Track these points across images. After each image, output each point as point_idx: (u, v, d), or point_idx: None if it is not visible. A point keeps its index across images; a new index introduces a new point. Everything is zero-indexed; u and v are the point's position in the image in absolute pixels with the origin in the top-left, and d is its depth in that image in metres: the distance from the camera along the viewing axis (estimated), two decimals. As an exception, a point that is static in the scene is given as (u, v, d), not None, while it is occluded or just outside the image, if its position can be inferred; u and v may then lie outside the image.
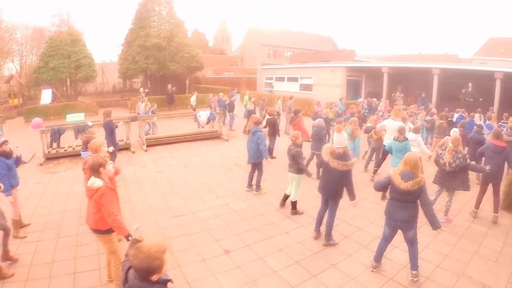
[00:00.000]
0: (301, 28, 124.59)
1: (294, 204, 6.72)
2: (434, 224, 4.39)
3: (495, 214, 6.58)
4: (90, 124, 11.09)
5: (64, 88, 26.69)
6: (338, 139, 5.47)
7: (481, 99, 18.31)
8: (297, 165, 6.44)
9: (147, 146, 12.35)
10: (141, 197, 7.70)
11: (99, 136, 6.81)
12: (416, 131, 8.44)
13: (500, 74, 17.25)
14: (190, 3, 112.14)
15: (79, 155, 9.08)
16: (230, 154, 11.51)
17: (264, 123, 10.00)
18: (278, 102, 16.03)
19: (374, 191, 8.06)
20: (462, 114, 13.94)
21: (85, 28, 52.08)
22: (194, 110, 18.56)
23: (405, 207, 4.43)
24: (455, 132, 8.44)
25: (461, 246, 5.63)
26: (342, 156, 5.30)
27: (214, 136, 13.87)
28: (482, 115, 13.92)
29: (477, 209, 6.82)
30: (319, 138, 8.67)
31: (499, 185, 6.72)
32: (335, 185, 5.37)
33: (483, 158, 7.20)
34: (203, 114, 12.95)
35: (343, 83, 24.52)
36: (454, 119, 13.34)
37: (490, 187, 6.70)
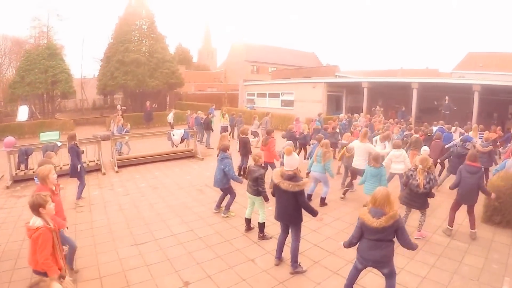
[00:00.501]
0: (286, 44, 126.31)
1: (261, 227, 6.37)
2: (411, 248, 4.15)
3: (472, 231, 6.53)
4: (59, 144, 10.67)
5: (43, 104, 25.96)
6: (288, 161, 5.07)
7: (455, 108, 18.94)
8: (256, 188, 6.18)
9: (119, 167, 11.93)
10: (104, 223, 7.29)
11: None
12: (396, 146, 8.37)
13: (478, 87, 17.77)
14: (174, 19, 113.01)
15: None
16: (203, 174, 11.15)
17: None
18: (255, 122, 15.81)
19: (349, 210, 7.91)
20: (442, 127, 13.90)
21: (66, 41, 50.68)
22: (172, 128, 18.18)
23: (379, 246, 4.01)
24: (424, 151, 8.39)
25: (440, 265, 5.45)
26: (293, 177, 5.04)
27: (189, 155, 13.51)
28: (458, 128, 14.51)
29: (451, 226, 6.68)
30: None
31: (474, 205, 6.56)
32: (290, 209, 5.09)
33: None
34: (177, 133, 12.58)
35: (324, 98, 24.69)
36: (434, 132, 13.17)
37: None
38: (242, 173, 10.32)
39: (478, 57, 33.70)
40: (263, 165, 6.86)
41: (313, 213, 5.14)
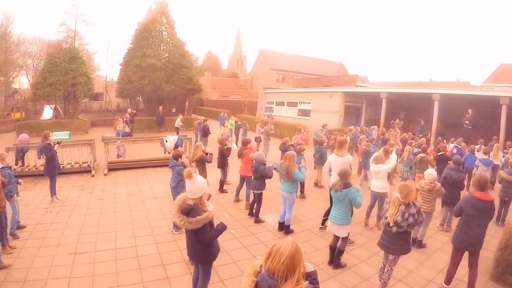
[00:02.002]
0: (313, 53, 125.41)
1: None
2: None
3: None
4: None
5: (65, 105, 26.71)
6: (189, 187, 3.99)
7: (470, 125, 17.38)
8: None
9: (111, 170, 11.83)
10: (62, 226, 7.05)
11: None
12: (376, 160, 7.41)
13: (506, 100, 15.77)
14: (206, 26, 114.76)
15: (41, 174, 9.76)
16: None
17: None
18: (257, 128, 15.26)
19: (325, 244, 6.97)
20: (458, 145, 12.42)
21: (95, 46, 52.24)
22: (177, 133, 17.95)
23: None
24: (429, 175, 6.55)
25: None
26: (190, 210, 3.89)
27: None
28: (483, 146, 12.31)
29: (448, 284, 5.14)
30: (259, 175, 7.41)
31: (478, 253, 4.95)
32: (195, 246, 4.05)
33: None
34: (170, 139, 12.16)
35: (341, 109, 23.70)
36: (454, 151, 11.69)
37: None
38: (222, 187, 9.84)
39: (511, 69, 31.46)
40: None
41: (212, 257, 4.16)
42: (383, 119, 21.16)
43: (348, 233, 5.71)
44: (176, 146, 12.32)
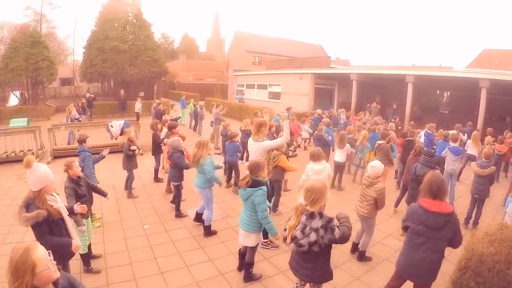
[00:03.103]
0: (296, 37, 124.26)
1: (84, 258, 4.80)
2: None
3: None
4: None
5: (30, 90, 25.79)
6: (29, 177, 3.49)
7: (448, 109, 16.70)
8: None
9: (56, 157, 11.34)
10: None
11: None
12: (313, 157, 6.03)
13: (485, 82, 14.50)
14: (184, 8, 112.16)
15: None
16: (124, 172, 8.85)
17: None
18: (213, 111, 14.53)
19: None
20: (429, 131, 11.00)
21: (63, 29, 50.84)
22: (138, 118, 17.38)
23: None
24: (372, 168, 5.20)
25: None
26: (30, 204, 3.38)
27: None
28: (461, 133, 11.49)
29: None
30: (176, 164, 6.70)
31: (429, 286, 3.74)
32: None
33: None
34: (116, 124, 11.55)
35: (311, 91, 23.19)
36: (422, 139, 10.86)
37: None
38: (156, 176, 9.37)
39: (494, 55, 31.42)
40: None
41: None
42: (354, 102, 20.55)
43: (258, 244, 4.67)
44: (122, 132, 11.80)
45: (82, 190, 4.67)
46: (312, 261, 3.36)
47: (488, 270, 3.37)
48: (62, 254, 3.35)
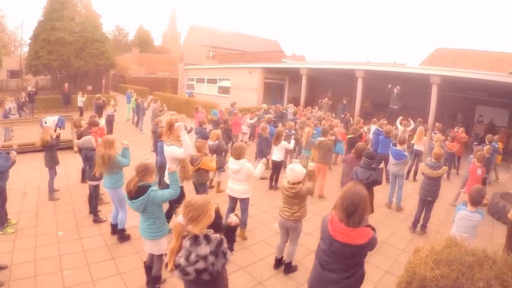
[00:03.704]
0: (249, 31, 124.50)
1: None
2: None
3: None
4: None
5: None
6: None
7: (399, 104, 16.66)
8: None
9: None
10: None
11: None
12: (235, 154, 5.64)
13: (436, 79, 14.19)
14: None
15: None
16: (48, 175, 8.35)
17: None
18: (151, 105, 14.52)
19: None
20: (379, 128, 10.77)
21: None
22: (81, 113, 16.87)
23: None
24: (291, 171, 4.42)
25: None
26: None
27: (67, 146, 11.57)
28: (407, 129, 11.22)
29: None
30: (88, 162, 6.27)
31: None
32: None
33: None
34: (50, 120, 10.99)
35: (261, 86, 22.98)
36: (371, 134, 10.89)
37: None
38: (83, 177, 8.66)
39: (447, 53, 32.17)
40: None
41: None
42: (303, 97, 20.38)
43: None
44: (56, 128, 11.35)
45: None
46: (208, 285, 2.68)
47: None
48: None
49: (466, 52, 31.41)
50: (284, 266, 4.94)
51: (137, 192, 3.90)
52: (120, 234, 5.64)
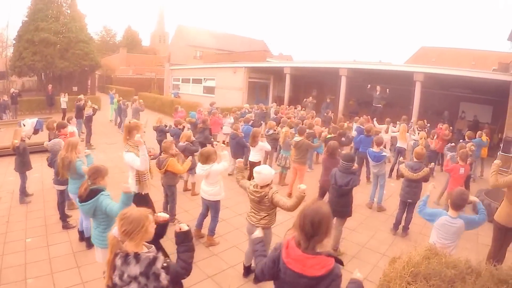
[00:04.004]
0: (237, 31, 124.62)
1: None
2: None
3: None
4: None
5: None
6: None
7: (383, 103, 16.63)
8: None
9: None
10: None
11: None
12: (203, 159, 5.36)
13: (419, 76, 14.43)
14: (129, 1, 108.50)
15: None
16: (32, 176, 8.25)
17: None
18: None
19: None
20: (361, 126, 10.66)
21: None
22: (64, 115, 16.46)
23: None
24: (257, 174, 4.14)
25: None
26: None
27: (44, 150, 11.24)
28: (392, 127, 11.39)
29: None
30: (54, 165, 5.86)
31: None
32: None
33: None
34: (28, 123, 10.65)
35: (245, 85, 22.91)
36: (353, 133, 10.64)
37: None
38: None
39: (431, 52, 32.57)
40: None
41: None
42: (287, 96, 20.50)
43: None
44: (35, 131, 11.08)
45: None
46: None
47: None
48: None
49: (450, 50, 31.79)
50: (255, 274, 4.60)
51: (88, 195, 3.77)
52: (88, 241, 5.37)
